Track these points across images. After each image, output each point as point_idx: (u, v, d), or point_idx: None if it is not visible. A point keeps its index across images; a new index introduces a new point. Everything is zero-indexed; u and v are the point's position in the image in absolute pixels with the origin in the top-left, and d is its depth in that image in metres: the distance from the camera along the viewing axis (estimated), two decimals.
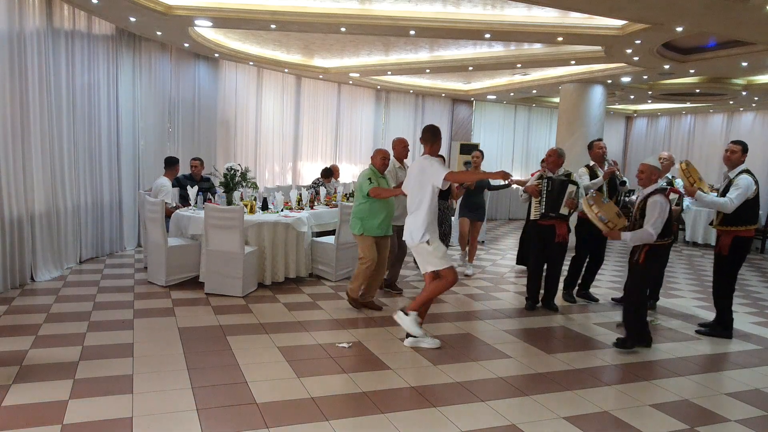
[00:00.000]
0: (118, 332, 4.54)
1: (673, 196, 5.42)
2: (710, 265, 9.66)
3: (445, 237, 7.01)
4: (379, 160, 5.50)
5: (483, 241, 10.73)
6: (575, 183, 5.69)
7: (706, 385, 4.15)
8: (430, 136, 4.65)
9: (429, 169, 4.44)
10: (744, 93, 10.74)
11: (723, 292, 5.31)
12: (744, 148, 5.24)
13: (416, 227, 4.47)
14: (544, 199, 5.72)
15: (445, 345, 4.62)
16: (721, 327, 5.39)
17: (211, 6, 6.97)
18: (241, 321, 5.01)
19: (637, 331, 4.79)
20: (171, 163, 7.16)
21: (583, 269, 6.42)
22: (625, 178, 6.14)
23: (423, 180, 4.47)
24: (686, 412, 3.65)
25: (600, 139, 6.48)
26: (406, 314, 4.52)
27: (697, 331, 5.46)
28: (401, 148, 6.04)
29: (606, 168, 6.04)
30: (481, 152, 7.76)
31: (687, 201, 6.40)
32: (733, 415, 3.64)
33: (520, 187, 8.81)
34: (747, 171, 5.14)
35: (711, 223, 5.50)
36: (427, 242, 4.43)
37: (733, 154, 5.20)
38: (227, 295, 5.77)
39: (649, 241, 4.54)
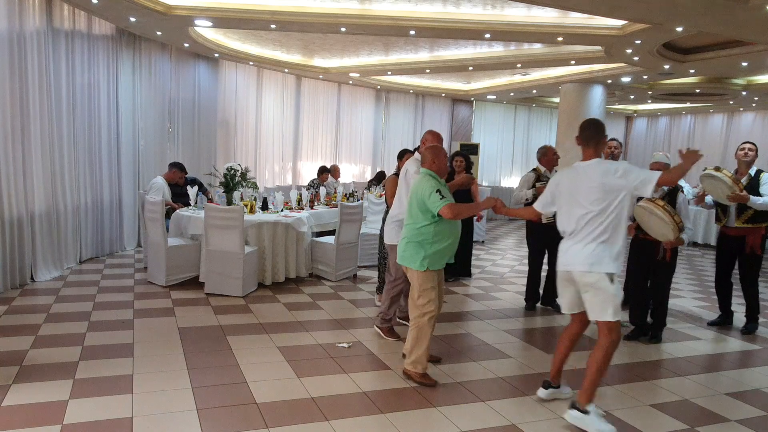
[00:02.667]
0: (118, 332, 4.53)
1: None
2: (710, 265, 9.68)
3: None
4: (442, 160, 3.88)
5: (483, 241, 10.74)
6: None
7: (706, 385, 4.15)
8: (594, 132, 3.41)
9: (633, 173, 3.23)
10: (744, 93, 10.74)
11: (754, 290, 5.47)
12: (757, 148, 5.37)
13: (605, 254, 3.23)
14: None
15: (445, 345, 4.62)
16: (755, 320, 5.57)
17: (211, 6, 6.97)
18: (241, 321, 5.01)
19: (663, 322, 5.11)
20: (174, 167, 7.17)
21: None
22: None
23: (613, 188, 3.23)
24: (686, 412, 3.65)
25: (613, 138, 6.21)
26: (584, 411, 3.28)
27: (744, 332, 5.55)
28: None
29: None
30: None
31: (686, 189, 6.41)
32: (733, 415, 3.64)
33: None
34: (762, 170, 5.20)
35: (718, 221, 5.49)
36: (612, 278, 3.25)
37: (751, 152, 5.27)
38: (227, 295, 5.77)
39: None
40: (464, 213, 3.75)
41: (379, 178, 11.26)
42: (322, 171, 9.27)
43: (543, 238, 5.75)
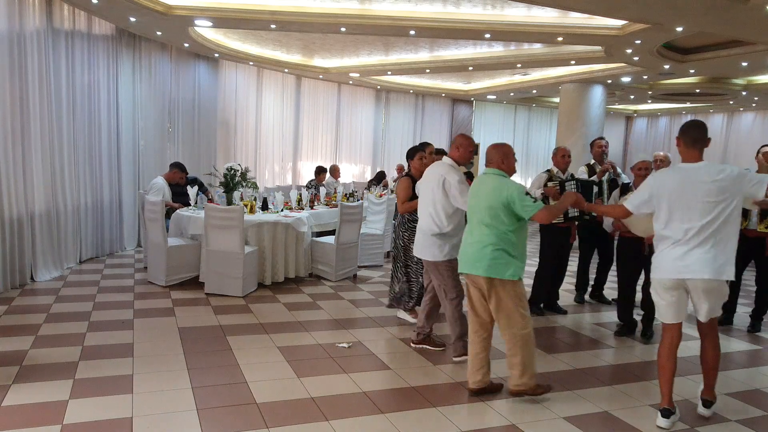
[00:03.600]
0: (118, 332, 4.53)
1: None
2: None
3: None
4: (511, 160, 3.63)
5: None
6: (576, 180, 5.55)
7: None
8: (701, 134, 3.41)
9: (747, 177, 3.21)
10: (744, 93, 10.74)
11: None
12: None
13: (728, 260, 3.18)
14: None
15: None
16: (760, 319, 5.63)
17: (211, 6, 6.97)
18: (241, 321, 5.00)
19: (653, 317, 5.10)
20: (175, 168, 7.17)
21: (586, 270, 6.40)
22: (624, 175, 6.11)
23: (730, 190, 3.17)
24: (686, 412, 3.65)
25: (602, 138, 6.43)
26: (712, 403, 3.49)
27: (749, 331, 5.55)
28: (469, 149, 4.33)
29: (602, 166, 6.00)
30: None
31: None
32: (733, 415, 3.64)
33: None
34: None
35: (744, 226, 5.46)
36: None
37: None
38: (227, 295, 5.77)
39: None
40: (555, 215, 3.50)
41: (379, 178, 11.27)
42: (319, 171, 9.28)
43: (558, 241, 5.70)
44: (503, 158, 3.58)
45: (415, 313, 5.16)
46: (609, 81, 10.39)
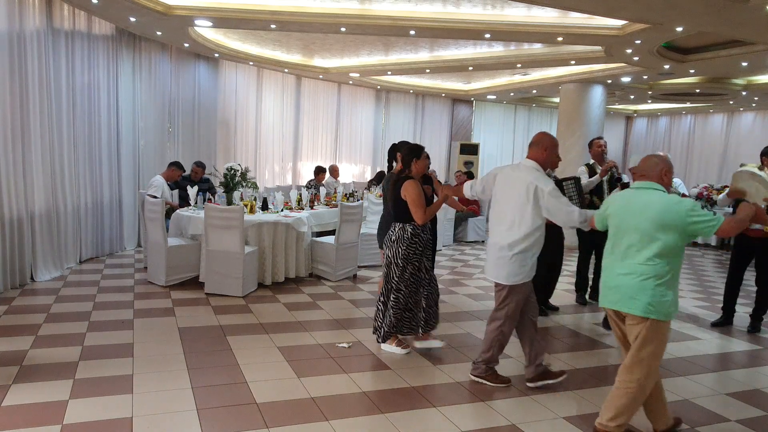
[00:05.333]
0: (118, 332, 4.53)
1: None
2: (711, 264, 9.69)
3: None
4: (671, 175, 3.08)
5: (483, 241, 10.74)
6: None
7: (706, 385, 4.15)
8: None
9: None
10: (744, 93, 10.74)
11: None
12: None
13: None
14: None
15: (445, 345, 4.61)
16: (760, 319, 5.63)
17: (211, 6, 6.97)
18: (241, 321, 5.01)
19: None
20: (173, 166, 7.19)
21: (590, 271, 6.39)
22: (624, 175, 6.11)
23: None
24: (686, 412, 3.65)
25: (600, 137, 6.44)
26: None
27: (749, 331, 5.56)
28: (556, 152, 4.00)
29: (604, 165, 6.01)
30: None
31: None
32: (733, 415, 3.64)
33: None
34: None
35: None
36: None
37: None
38: (227, 295, 5.77)
39: None
40: (742, 226, 2.96)
41: (379, 178, 11.27)
42: (319, 171, 9.29)
43: (553, 241, 5.69)
44: (666, 171, 3.00)
45: (402, 343, 4.43)
46: (609, 81, 10.40)
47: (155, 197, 6.43)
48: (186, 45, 8.90)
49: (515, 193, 3.59)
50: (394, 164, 4.94)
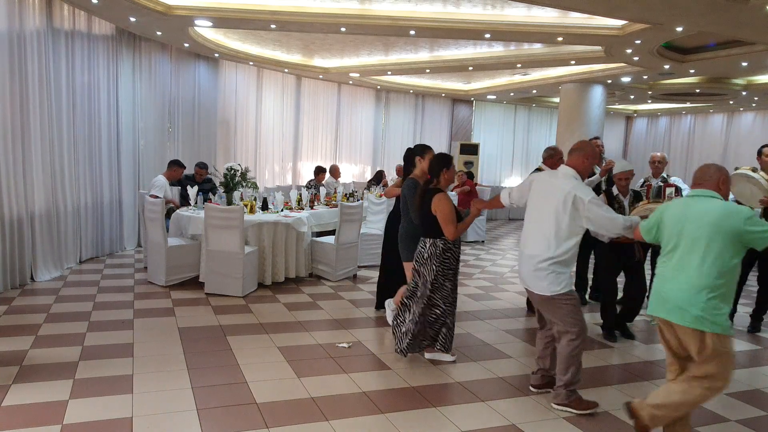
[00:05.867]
0: (118, 332, 4.54)
1: (669, 190, 5.43)
2: None
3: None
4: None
5: (483, 241, 10.74)
6: None
7: None
8: None
9: None
10: (744, 93, 10.74)
11: None
12: None
13: None
14: None
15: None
16: (760, 319, 5.65)
17: (211, 6, 6.97)
18: (241, 321, 5.01)
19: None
20: (174, 165, 7.19)
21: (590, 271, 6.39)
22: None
23: None
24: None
25: (597, 137, 6.47)
26: None
27: (749, 331, 5.58)
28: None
29: (603, 165, 6.01)
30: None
31: (686, 193, 6.38)
32: (733, 415, 3.64)
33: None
34: None
35: None
36: None
37: None
38: (227, 295, 5.77)
39: None
40: None
41: (378, 177, 11.27)
42: (319, 171, 9.29)
43: None
44: (724, 180, 2.94)
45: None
46: (609, 81, 10.40)
47: (158, 197, 6.43)
48: (186, 45, 8.90)
49: (552, 202, 3.43)
50: (412, 169, 4.68)
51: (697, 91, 10.78)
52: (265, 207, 6.85)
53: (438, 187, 4.09)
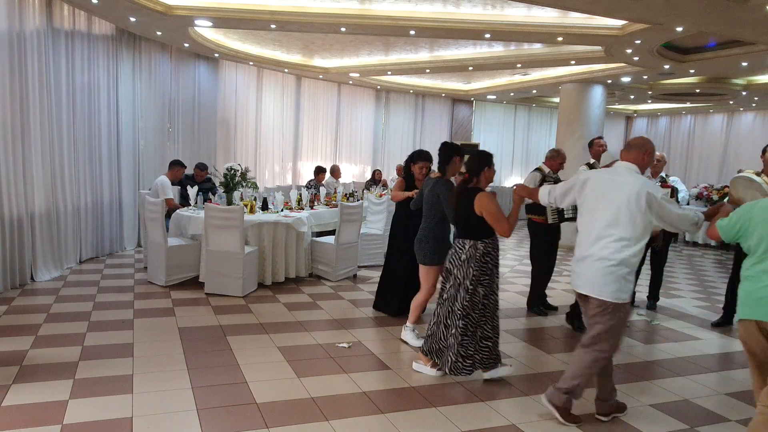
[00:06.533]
0: (118, 332, 4.53)
1: (665, 190, 5.46)
2: (711, 265, 9.68)
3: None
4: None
5: None
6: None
7: (706, 385, 4.15)
8: None
9: None
10: (744, 93, 10.74)
11: None
12: None
13: None
14: None
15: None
16: None
17: (211, 6, 6.97)
18: (241, 321, 5.01)
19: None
20: (176, 165, 7.19)
21: None
22: None
23: None
24: (686, 412, 3.65)
25: (600, 137, 6.45)
26: None
27: None
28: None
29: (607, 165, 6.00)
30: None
31: (683, 194, 6.38)
32: (733, 415, 3.64)
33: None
34: None
35: None
36: None
37: None
38: (227, 295, 5.77)
39: None
40: None
41: (374, 178, 11.27)
42: (319, 171, 9.29)
43: (548, 241, 5.77)
44: None
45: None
46: (609, 81, 10.40)
47: (170, 198, 6.60)
48: (186, 45, 8.90)
49: (618, 200, 3.21)
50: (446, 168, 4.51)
51: (697, 91, 10.78)
52: (265, 207, 6.85)
53: (478, 186, 3.92)
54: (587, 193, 3.38)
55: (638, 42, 7.25)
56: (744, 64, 8.30)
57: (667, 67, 8.71)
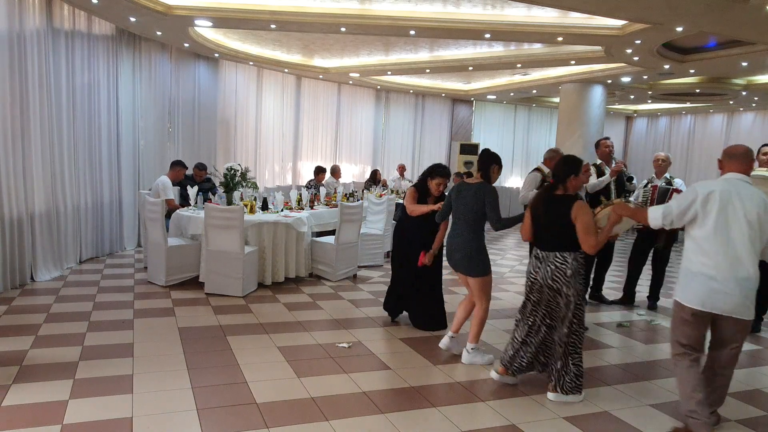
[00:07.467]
0: (118, 332, 4.53)
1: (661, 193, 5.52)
2: None
3: None
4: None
5: None
6: None
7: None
8: None
9: None
10: (744, 93, 10.75)
11: None
12: None
13: None
14: None
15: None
16: (760, 319, 5.70)
17: (211, 6, 6.97)
18: (241, 321, 5.01)
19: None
20: (177, 165, 7.20)
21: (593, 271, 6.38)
22: (632, 174, 6.14)
23: None
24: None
25: (607, 138, 6.40)
26: None
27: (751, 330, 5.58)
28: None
29: (613, 166, 5.97)
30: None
31: None
32: (733, 415, 3.64)
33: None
34: None
35: None
36: None
37: None
38: (227, 295, 5.77)
39: None
40: None
41: (373, 177, 11.27)
42: (319, 171, 9.29)
43: None
44: None
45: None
46: (609, 81, 10.40)
47: (171, 199, 6.61)
48: (186, 45, 8.90)
49: (749, 213, 3.09)
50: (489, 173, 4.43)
51: (697, 91, 10.78)
52: (265, 207, 6.85)
53: (568, 193, 3.68)
54: (719, 209, 3.14)
55: (638, 42, 7.25)
56: (744, 64, 8.30)
57: (667, 67, 8.71)
